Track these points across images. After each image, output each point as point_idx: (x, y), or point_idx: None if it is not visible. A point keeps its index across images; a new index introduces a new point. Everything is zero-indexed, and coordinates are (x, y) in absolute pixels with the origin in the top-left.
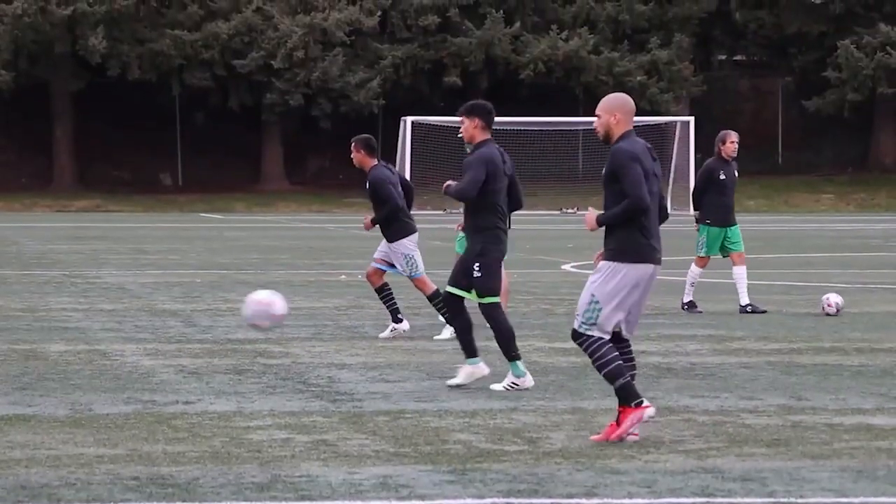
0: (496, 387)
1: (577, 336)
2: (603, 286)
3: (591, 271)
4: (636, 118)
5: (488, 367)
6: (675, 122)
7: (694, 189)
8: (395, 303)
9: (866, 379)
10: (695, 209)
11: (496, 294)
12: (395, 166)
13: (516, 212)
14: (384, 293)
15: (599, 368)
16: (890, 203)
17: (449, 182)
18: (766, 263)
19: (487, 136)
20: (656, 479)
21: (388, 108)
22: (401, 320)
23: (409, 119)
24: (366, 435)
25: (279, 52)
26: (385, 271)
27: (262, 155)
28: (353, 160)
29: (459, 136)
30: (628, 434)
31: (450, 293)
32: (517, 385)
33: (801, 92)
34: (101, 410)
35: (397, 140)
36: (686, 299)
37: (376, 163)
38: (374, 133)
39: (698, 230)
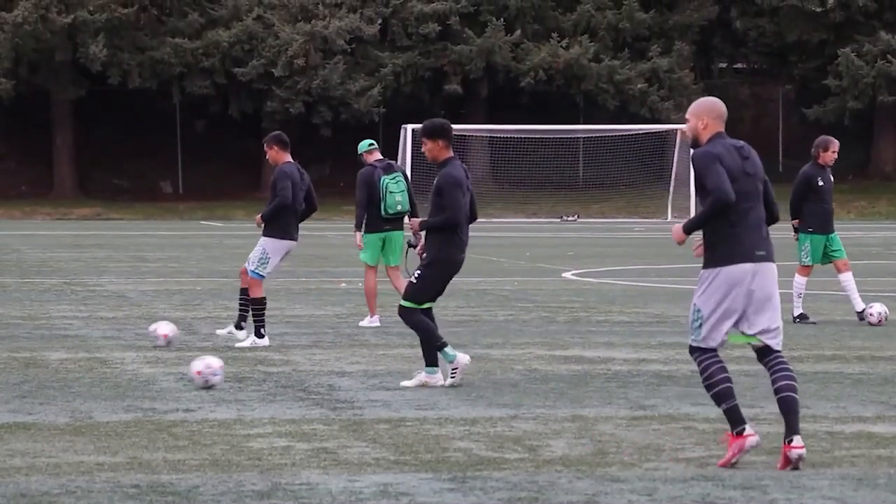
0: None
1: (690, 351)
2: (701, 294)
3: (591, 279)
4: (638, 126)
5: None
6: (676, 129)
7: (792, 197)
8: (247, 312)
9: (867, 387)
10: (793, 218)
11: (419, 302)
12: None
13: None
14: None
15: (707, 388)
16: (890, 211)
17: (419, 219)
18: None
19: (450, 153)
20: (657, 487)
21: (389, 116)
22: (243, 328)
23: (410, 127)
24: (366, 443)
25: (280, 60)
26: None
27: (263, 163)
28: (269, 159)
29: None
30: (733, 461)
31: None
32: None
33: (801, 100)
34: (102, 418)
35: (398, 148)
36: (796, 312)
37: (289, 160)
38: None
39: (798, 239)
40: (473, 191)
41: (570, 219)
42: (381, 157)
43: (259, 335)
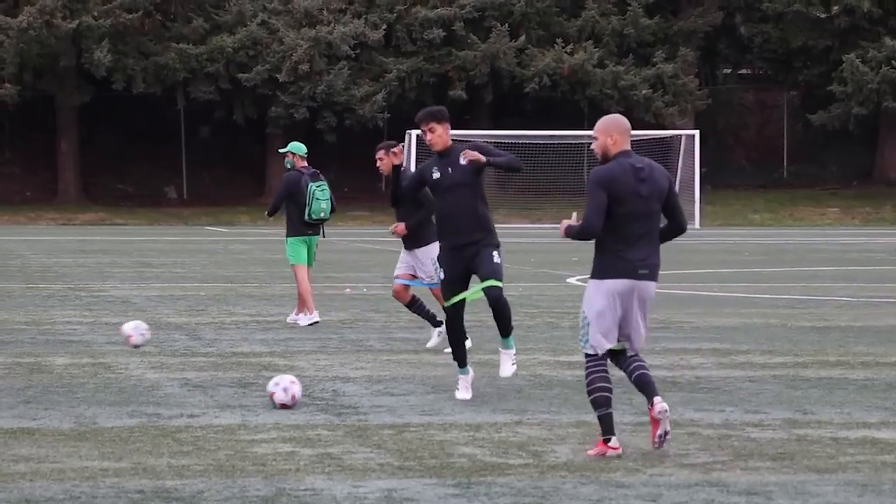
0: (506, 373)
1: (585, 357)
2: (588, 303)
3: None
4: (643, 131)
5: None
6: (681, 135)
7: None
8: (428, 309)
9: (871, 393)
10: None
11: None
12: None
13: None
14: (415, 305)
15: (588, 393)
16: (895, 217)
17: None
18: (770, 277)
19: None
20: (661, 493)
21: (393, 122)
22: (440, 323)
23: (414, 132)
24: (370, 448)
25: (284, 66)
26: (410, 285)
27: (267, 168)
28: (382, 168)
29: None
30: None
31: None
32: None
33: (806, 106)
34: (106, 423)
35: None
36: None
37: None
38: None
39: None
40: None
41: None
42: (307, 165)
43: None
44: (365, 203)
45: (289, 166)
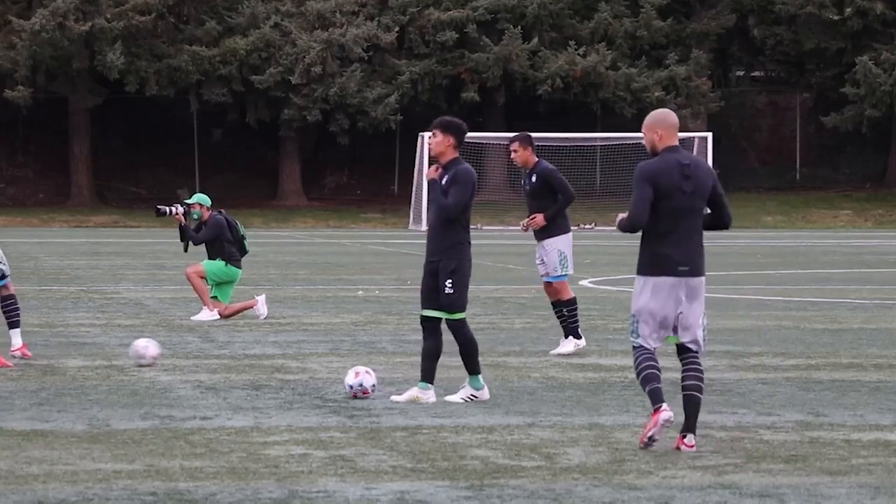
0: (452, 398)
1: (632, 349)
2: (634, 300)
3: (609, 287)
4: None
5: (435, 398)
6: (693, 137)
7: None
8: (575, 321)
9: (884, 395)
10: None
11: (464, 310)
12: (413, 181)
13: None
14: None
15: (637, 374)
16: None
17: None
18: (783, 279)
19: (457, 155)
20: (674, 496)
21: (406, 124)
22: (580, 336)
23: (427, 135)
24: (383, 450)
25: (297, 68)
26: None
27: (280, 171)
28: (519, 160)
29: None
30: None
31: (425, 317)
32: (476, 397)
33: (818, 108)
34: (119, 426)
35: (415, 156)
36: None
37: (538, 159)
38: (392, 149)
39: None
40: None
41: (587, 227)
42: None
43: (577, 335)
44: (377, 205)
45: (196, 217)
